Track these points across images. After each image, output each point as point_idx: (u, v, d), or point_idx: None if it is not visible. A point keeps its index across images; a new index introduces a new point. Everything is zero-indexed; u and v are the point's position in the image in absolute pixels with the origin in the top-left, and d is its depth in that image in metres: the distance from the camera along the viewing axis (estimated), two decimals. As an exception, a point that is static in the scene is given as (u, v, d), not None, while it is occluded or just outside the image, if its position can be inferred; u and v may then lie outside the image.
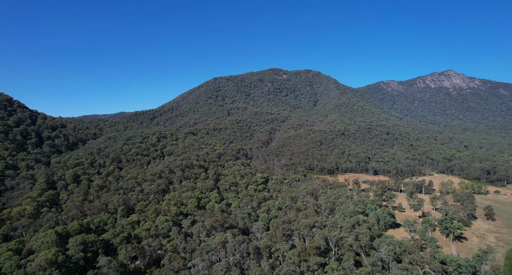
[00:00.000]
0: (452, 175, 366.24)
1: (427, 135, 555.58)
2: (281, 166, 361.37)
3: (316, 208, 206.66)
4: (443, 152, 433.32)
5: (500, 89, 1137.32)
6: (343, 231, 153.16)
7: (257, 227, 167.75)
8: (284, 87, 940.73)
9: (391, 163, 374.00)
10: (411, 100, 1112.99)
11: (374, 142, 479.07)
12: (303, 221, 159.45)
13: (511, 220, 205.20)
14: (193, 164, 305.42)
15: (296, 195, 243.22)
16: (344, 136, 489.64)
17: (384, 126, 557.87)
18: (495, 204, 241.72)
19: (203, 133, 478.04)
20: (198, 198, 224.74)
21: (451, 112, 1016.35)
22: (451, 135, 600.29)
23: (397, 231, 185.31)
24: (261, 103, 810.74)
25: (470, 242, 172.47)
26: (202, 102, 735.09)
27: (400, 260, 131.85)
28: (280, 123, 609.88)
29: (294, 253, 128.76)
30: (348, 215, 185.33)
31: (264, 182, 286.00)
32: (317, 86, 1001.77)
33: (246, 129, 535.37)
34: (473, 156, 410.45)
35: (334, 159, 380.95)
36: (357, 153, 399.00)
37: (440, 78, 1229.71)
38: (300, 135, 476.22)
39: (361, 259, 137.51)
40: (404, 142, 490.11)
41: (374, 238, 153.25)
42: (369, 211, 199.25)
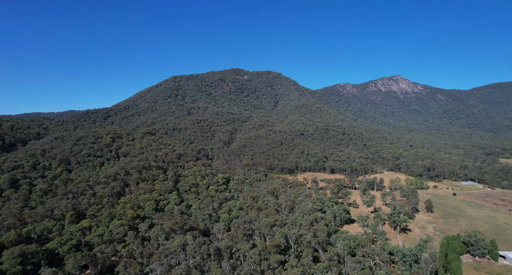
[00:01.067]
0: (400, 172, 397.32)
1: (378, 135, 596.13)
2: (242, 166, 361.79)
3: (277, 207, 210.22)
4: (392, 151, 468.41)
5: (438, 94, 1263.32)
6: (302, 229, 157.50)
7: (218, 228, 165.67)
8: (246, 88, 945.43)
9: (346, 162, 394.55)
10: (365, 102, 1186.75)
11: (331, 142, 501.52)
12: (264, 220, 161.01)
13: (446, 212, 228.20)
14: (151, 165, 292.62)
15: (257, 194, 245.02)
16: (303, 136, 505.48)
17: (340, 127, 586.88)
18: (434, 197, 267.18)
19: (162, 133, 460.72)
20: (156, 200, 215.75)
21: (399, 114, 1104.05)
22: (399, 136, 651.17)
23: (352, 227, 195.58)
24: (223, 103, 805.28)
25: (413, 233, 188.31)
26: (161, 101, 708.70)
27: (355, 253, 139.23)
28: (242, 123, 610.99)
29: (255, 252, 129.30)
30: (307, 213, 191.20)
31: (226, 183, 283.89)
32: (277, 87, 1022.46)
33: (207, 129, 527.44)
34: (416, 155, 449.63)
35: (294, 159, 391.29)
36: (316, 153, 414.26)
37: (390, 82, 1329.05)
38: (261, 135, 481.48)
39: (319, 254, 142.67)
40: (358, 142, 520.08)
41: (331, 234, 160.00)
42: (327, 208, 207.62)
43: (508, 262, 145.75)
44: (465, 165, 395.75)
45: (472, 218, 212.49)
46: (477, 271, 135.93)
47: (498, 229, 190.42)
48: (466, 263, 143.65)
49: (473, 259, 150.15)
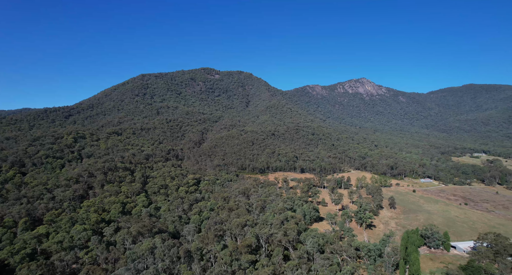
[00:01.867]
0: (366, 171, 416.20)
1: (346, 135, 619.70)
2: (213, 166, 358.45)
3: (248, 207, 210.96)
4: (359, 151, 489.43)
5: (400, 97, 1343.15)
6: (273, 228, 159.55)
7: (188, 230, 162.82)
8: (217, 87, 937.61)
9: (316, 162, 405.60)
10: (333, 103, 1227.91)
11: (301, 142, 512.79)
12: (235, 220, 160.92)
13: (407, 208, 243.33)
14: (117, 167, 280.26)
15: (229, 195, 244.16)
16: (275, 137, 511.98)
17: (310, 127, 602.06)
18: (396, 194, 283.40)
19: (129, 133, 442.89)
20: (123, 203, 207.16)
21: (365, 115, 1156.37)
22: (364, 136, 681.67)
23: (321, 224, 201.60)
24: (193, 102, 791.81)
25: (378, 228, 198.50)
26: (128, 99, 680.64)
27: (323, 250, 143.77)
28: (213, 123, 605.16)
29: (226, 253, 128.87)
30: (278, 212, 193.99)
31: (196, 183, 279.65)
32: (249, 87, 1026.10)
33: (177, 129, 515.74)
34: (381, 154, 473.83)
35: (265, 159, 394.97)
36: (286, 153, 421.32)
37: (356, 84, 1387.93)
38: (232, 135, 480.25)
39: (289, 253, 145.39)
40: (327, 142, 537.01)
41: (301, 232, 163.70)
42: (297, 207, 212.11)
43: (458, 252, 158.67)
44: (423, 164, 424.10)
45: (428, 213, 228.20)
46: (432, 262, 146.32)
47: (450, 222, 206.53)
48: (423, 255, 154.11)
49: (429, 251, 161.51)
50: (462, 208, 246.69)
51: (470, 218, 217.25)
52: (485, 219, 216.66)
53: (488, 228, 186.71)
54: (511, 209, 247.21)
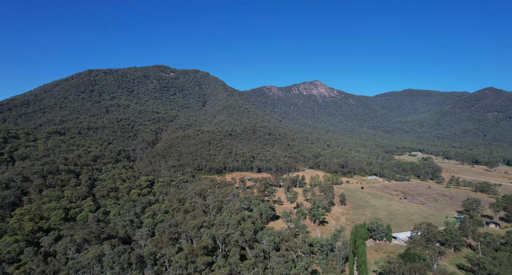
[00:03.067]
0: (319, 169, 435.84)
1: (300, 136, 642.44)
2: (168, 167, 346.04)
3: (205, 208, 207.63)
4: (313, 151, 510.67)
5: (350, 99, 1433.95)
6: (230, 228, 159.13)
7: (140, 234, 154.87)
8: (172, 86, 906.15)
9: (272, 161, 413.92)
10: (289, 104, 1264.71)
11: (258, 142, 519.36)
12: (191, 222, 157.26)
13: (356, 204, 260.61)
14: (59, 169, 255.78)
15: (184, 196, 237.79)
16: (232, 137, 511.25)
17: (267, 127, 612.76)
18: (346, 191, 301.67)
19: (73, 132, 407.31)
20: (66, 208, 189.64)
21: (318, 116, 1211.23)
22: (318, 136, 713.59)
23: (277, 223, 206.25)
24: (147, 101, 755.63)
25: (330, 224, 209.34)
26: (73, 96, 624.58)
27: (279, 248, 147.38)
28: (168, 123, 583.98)
29: (181, 256, 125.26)
30: (235, 212, 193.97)
31: (150, 185, 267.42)
32: (205, 86, 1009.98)
33: (129, 128, 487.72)
34: (333, 153, 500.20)
35: (222, 159, 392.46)
36: (243, 153, 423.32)
37: (310, 86, 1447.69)
38: (188, 135, 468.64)
39: (246, 252, 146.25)
40: (283, 142, 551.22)
41: (258, 231, 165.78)
42: (254, 206, 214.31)
43: (398, 242, 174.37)
44: (370, 162, 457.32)
45: (374, 208, 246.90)
46: (376, 252, 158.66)
47: (392, 215, 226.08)
48: (370, 247, 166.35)
49: (375, 242, 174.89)
50: (402, 202, 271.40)
51: (408, 211, 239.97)
52: (420, 211, 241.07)
53: (422, 219, 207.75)
54: (440, 201, 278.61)
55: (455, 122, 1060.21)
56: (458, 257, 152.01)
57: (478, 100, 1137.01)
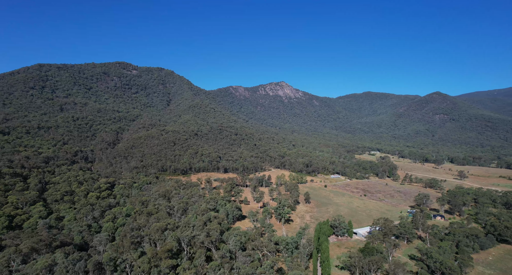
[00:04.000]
0: (285, 169, 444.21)
1: (267, 136, 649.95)
2: (130, 169, 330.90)
3: (169, 210, 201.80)
4: (278, 150, 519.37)
5: (314, 100, 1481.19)
6: (195, 230, 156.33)
7: (99, 240, 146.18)
8: (134, 84, 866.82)
9: (239, 161, 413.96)
10: (255, 104, 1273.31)
11: (224, 142, 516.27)
12: (155, 225, 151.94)
13: (319, 202, 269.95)
14: (2, 173, 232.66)
15: (148, 198, 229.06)
16: (198, 137, 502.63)
17: (233, 127, 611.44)
18: (311, 190, 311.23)
19: (21, 132, 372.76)
20: (10, 216, 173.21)
21: (284, 117, 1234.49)
22: (284, 136, 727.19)
23: (243, 222, 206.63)
24: (106, 99, 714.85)
25: (295, 222, 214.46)
26: (19, 92, 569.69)
27: (245, 248, 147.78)
28: (130, 122, 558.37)
29: (144, 260, 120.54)
30: (201, 213, 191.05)
31: (110, 188, 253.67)
32: (170, 85, 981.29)
33: (87, 128, 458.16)
34: (298, 153, 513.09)
35: (188, 159, 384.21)
36: (210, 153, 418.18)
37: (276, 87, 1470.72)
38: (152, 135, 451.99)
39: (212, 254, 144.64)
40: (249, 142, 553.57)
41: (224, 231, 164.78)
42: (220, 207, 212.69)
43: (358, 237, 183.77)
44: (333, 161, 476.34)
45: (337, 205, 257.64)
46: (339, 248, 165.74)
47: (353, 212, 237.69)
48: (332, 243, 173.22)
49: (337, 239, 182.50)
50: (362, 199, 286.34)
51: (368, 207, 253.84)
52: (378, 207, 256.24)
53: (380, 214, 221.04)
54: (395, 197, 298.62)
55: (409, 123, 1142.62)
56: (410, 248, 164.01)
57: (427, 103, 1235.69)
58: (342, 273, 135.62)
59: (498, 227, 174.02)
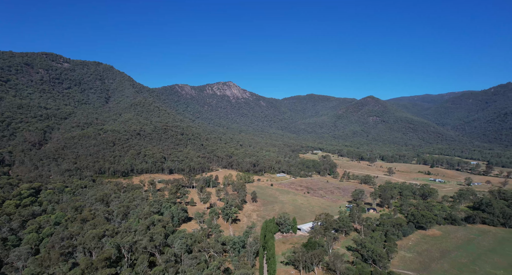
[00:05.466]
0: (232, 169, 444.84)
1: (214, 136, 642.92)
2: (61, 172, 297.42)
3: (108, 215, 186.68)
4: (226, 150, 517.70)
5: (261, 101, 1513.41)
6: (137, 235, 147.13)
7: (18, 254, 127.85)
8: (66, 78, 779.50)
9: (185, 162, 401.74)
10: (202, 104, 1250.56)
11: (169, 142, 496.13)
12: (91, 232, 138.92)
13: (266, 200, 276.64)
14: None
15: (83, 204, 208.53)
16: (140, 136, 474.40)
17: (179, 127, 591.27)
18: (258, 189, 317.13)
19: None
20: None
21: (231, 117, 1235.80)
22: (231, 136, 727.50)
23: (189, 225, 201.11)
24: (30, 94, 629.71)
25: (242, 222, 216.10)
26: None
27: (191, 250, 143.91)
28: (61, 121, 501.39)
29: (76, 272, 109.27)
30: (144, 217, 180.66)
31: (34, 194, 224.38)
32: (109, 81, 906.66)
33: (3, 126, 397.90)
34: (245, 153, 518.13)
35: (129, 161, 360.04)
36: (153, 154, 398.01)
37: (224, 87, 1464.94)
38: (88, 135, 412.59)
39: (155, 258, 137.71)
40: (196, 142, 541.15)
41: (169, 235, 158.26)
42: (164, 209, 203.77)
43: (302, 233, 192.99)
44: (279, 160, 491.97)
45: (282, 203, 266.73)
46: (284, 244, 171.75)
47: (297, 209, 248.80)
48: (278, 240, 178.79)
49: (282, 235, 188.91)
50: (306, 196, 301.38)
51: (311, 204, 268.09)
52: (320, 203, 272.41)
53: (322, 210, 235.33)
54: (335, 193, 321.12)
55: (347, 124, 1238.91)
56: (348, 240, 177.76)
57: (363, 106, 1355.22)
58: (287, 269, 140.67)
59: (416, 215, 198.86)
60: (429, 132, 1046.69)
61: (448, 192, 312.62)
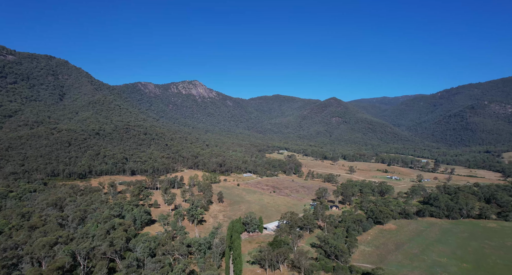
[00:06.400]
0: (198, 169, 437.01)
1: (179, 135, 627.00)
2: (5, 175, 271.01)
3: (62, 221, 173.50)
4: (192, 150, 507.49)
5: (227, 101, 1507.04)
6: (96, 240, 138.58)
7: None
8: (11, 72, 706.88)
9: (148, 162, 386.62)
10: (167, 103, 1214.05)
11: (132, 142, 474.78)
12: (40, 240, 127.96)
13: (232, 200, 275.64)
14: None
15: (31, 209, 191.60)
16: (100, 136, 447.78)
17: (142, 126, 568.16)
18: (224, 189, 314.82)
19: None
20: None
21: (197, 116, 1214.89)
22: (197, 136, 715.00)
23: (153, 227, 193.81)
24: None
25: (208, 223, 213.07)
26: None
27: (155, 254, 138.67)
28: (4, 119, 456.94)
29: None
30: (103, 221, 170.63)
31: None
32: (64, 77, 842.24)
33: None
34: (211, 153, 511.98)
35: (87, 162, 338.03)
36: (114, 154, 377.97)
37: (189, 86, 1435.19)
38: (38, 134, 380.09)
39: (116, 264, 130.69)
40: (160, 142, 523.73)
41: (131, 239, 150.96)
42: (126, 212, 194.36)
43: (268, 232, 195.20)
44: (245, 160, 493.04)
45: (249, 202, 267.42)
46: (250, 244, 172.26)
47: (263, 208, 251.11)
48: (244, 239, 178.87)
49: (248, 235, 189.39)
50: (272, 195, 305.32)
51: (277, 203, 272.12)
52: (285, 202, 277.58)
53: (287, 209, 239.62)
54: (300, 192, 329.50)
55: (312, 124, 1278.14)
56: (312, 237, 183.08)
57: (326, 107, 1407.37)
58: (253, 268, 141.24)
59: (375, 211, 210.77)
60: (386, 132, 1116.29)
61: (402, 189, 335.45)
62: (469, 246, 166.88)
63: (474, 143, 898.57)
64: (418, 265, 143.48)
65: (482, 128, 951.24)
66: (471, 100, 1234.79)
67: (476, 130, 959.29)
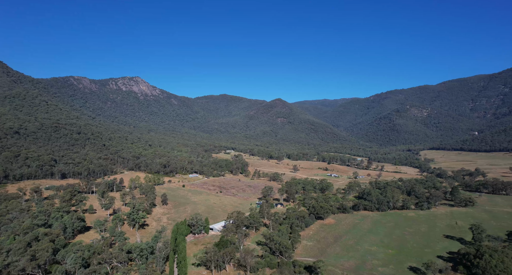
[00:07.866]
0: (140, 171, 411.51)
1: (119, 135, 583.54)
2: None
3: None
4: (133, 151, 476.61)
5: (172, 99, 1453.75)
6: (12, 255, 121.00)
7: None
8: None
9: (82, 164, 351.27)
10: (104, 100, 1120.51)
11: (62, 142, 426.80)
12: None
13: (177, 202, 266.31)
14: None
15: None
16: (20, 136, 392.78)
17: (75, 125, 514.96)
18: (168, 191, 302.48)
19: None
20: None
21: (139, 115, 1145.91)
22: (139, 135, 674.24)
23: (87, 235, 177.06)
24: None
25: (151, 226, 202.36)
26: None
27: (89, 264, 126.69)
28: None
29: None
30: (22, 233, 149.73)
31: None
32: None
33: None
34: (155, 153, 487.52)
35: (2, 165, 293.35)
36: (39, 156, 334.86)
37: (130, 82, 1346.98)
38: None
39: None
40: (96, 142, 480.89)
41: (59, 250, 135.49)
42: (54, 220, 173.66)
43: (214, 232, 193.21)
44: (191, 161, 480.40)
45: (195, 204, 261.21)
46: (196, 246, 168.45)
47: (210, 209, 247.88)
48: (190, 242, 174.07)
49: (194, 237, 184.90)
50: (218, 195, 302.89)
51: (223, 203, 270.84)
52: (232, 201, 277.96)
53: (234, 208, 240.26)
54: (247, 191, 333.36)
55: (258, 124, 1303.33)
56: (258, 235, 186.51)
57: (272, 108, 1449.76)
58: (198, 270, 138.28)
59: (316, 207, 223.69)
60: (327, 132, 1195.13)
61: (341, 185, 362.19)
62: (393, 234, 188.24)
63: (399, 143, 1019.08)
64: (353, 255, 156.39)
65: (405, 129, 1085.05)
66: (397, 104, 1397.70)
67: (400, 131, 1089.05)
